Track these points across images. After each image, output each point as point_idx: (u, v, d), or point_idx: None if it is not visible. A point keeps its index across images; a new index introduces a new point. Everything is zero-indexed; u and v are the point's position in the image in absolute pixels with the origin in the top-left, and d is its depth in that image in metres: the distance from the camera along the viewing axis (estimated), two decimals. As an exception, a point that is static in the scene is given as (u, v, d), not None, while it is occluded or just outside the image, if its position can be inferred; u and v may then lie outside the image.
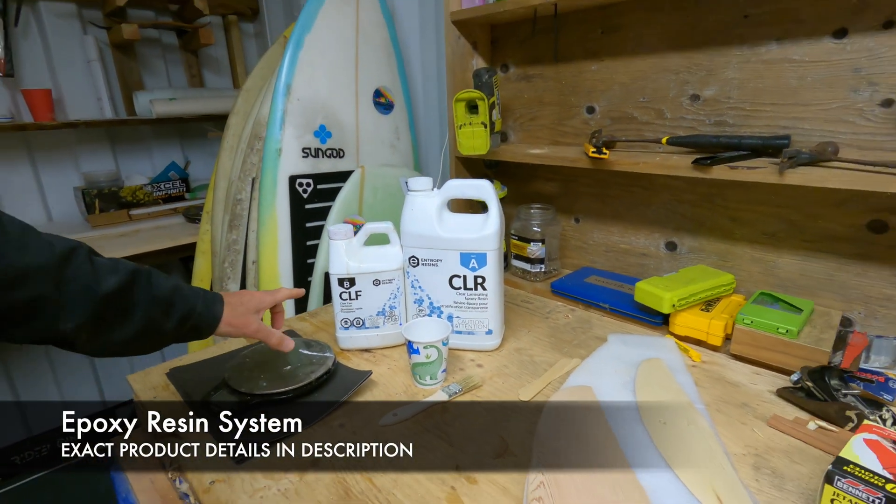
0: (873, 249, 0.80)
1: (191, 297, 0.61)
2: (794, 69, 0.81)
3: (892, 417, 0.62)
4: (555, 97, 1.15)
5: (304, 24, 1.23)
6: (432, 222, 0.83)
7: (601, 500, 0.53)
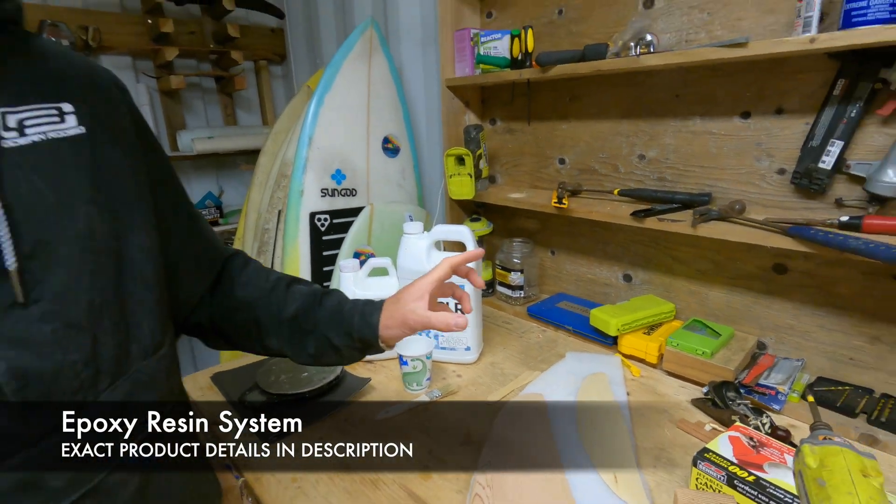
0: (778, 287, 0.98)
1: (350, 311, 0.60)
2: (714, 140, 1.00)
3: (769, 422, 0.80)
4: (533, 149, 1.35)
5: (324, 85, 1.46)
6: (422, 259, 1.05)
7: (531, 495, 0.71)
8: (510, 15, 1.31)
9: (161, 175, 0.53)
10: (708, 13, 0.96)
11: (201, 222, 0.61)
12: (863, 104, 0.80)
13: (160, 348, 0.47)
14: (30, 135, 0.38)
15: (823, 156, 0.85)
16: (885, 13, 0.68)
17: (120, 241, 0.44)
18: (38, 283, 0.37)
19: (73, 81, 0.44)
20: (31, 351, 0.36)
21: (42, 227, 0.37)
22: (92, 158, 0.42)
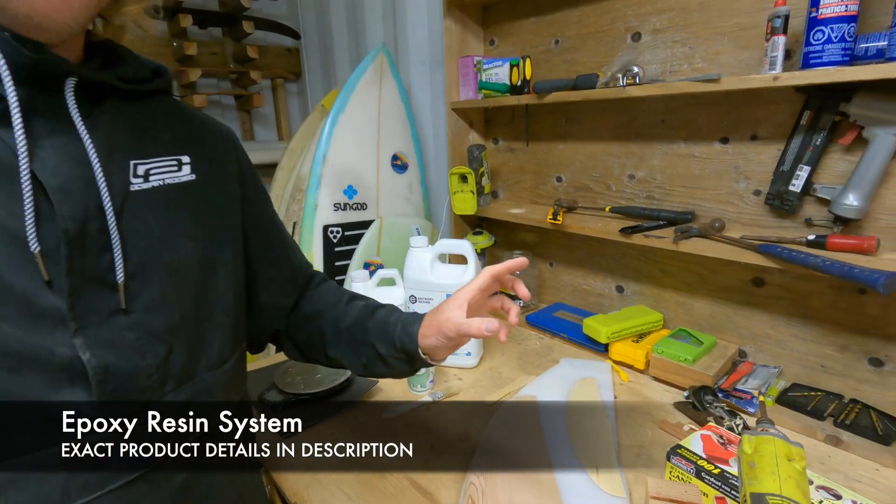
0: (756, 299, 1.05)
1: (395, 321, 0.61)
2: (697, 162, 1.09)
3: (742, 423, 0.88)
4: (532, 167, 1.44)
5: (338, 107, 1.57)
6: (426, 271, 1.14)
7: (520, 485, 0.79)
8: (511, 43, 1.41)
9: (257, 214, 0.62)
10: (689, 47, 1.04)
11: (289, 250, 0.69)
12: (826, 133, 0.88)
13: (225, 363, 0.54)
14: (152, 181, 0.47)
15: (793, 179, 0.93)
16: (838, 56, 0.77)
17: (208, 270, 0.52)
18: (135, 298, 0.45)
19: (195, 138, 0.54)
20: (116, 352, 0.43)
21: (145, 253, 0.46)
22: (196, 200, 0.51)
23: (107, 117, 0.46)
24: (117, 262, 0.43)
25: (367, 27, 1.98)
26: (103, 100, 0.46)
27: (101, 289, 0.42)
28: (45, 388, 0.40)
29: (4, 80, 0.37)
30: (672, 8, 1.06)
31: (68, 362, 0.40)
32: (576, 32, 1.24)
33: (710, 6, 1.00)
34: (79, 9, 0.39)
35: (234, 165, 0.58)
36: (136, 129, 0.49)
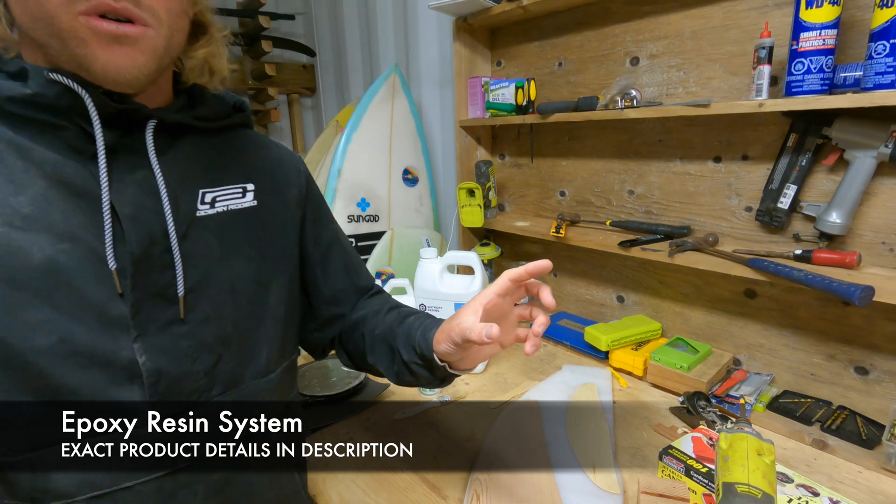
0: (749, 310, 1.10)
1: (417, 327, 0.62)
2: (692, 180, 1.15)
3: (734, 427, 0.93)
4: (537, 182, 1.51)
5: (352, 124, 1.65)
6: (435, 281, 1.21)
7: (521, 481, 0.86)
8: (517, 64, 1.49)
9: (317, 234, 0.68)
10: (684, 72, 1.11)
11: (349, 266, 0.73)
12: (811, 155, 0.94)
13: (271, 373, 0.59)
14: (217, 207, 0.54)
15: (781, 197, 0.99)
16: (817, 85, 0.83)
17: (261, 287, 0.57)
18: (191, 309, 0.50)
19: (263, 167, 0.60)
20: (169, 357, 0.49)
21: (204, 271, 0.52)
22: (255, 224, 0.57)
23: (184, 151, 0.53)
24: (178, 278, 0.49)
25: (380, 46, 2.08)
26: (183, 136, 0.53)
27: (161, 301, 0.49)
28: (106, 386, 0.47)
29: (95, 125, 0.45)
30: (667, 35, 1.12)
31: (128, 364, 0.47)
32: (578, 56, 1.32)
33: (702, 35, 1.06)
34: (143, 64, 0.46)
35: (296, 191, 0.64)
36: (209, 160, 0.56)
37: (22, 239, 0.43)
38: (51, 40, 0.43)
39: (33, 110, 0.45)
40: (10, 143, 0.45)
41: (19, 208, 0.44)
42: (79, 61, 0.43)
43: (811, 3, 0.81)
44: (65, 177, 0.46)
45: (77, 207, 0.46)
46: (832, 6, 0.80)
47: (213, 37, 0.57)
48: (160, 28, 0.46)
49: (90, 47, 0.43)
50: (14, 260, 0.43)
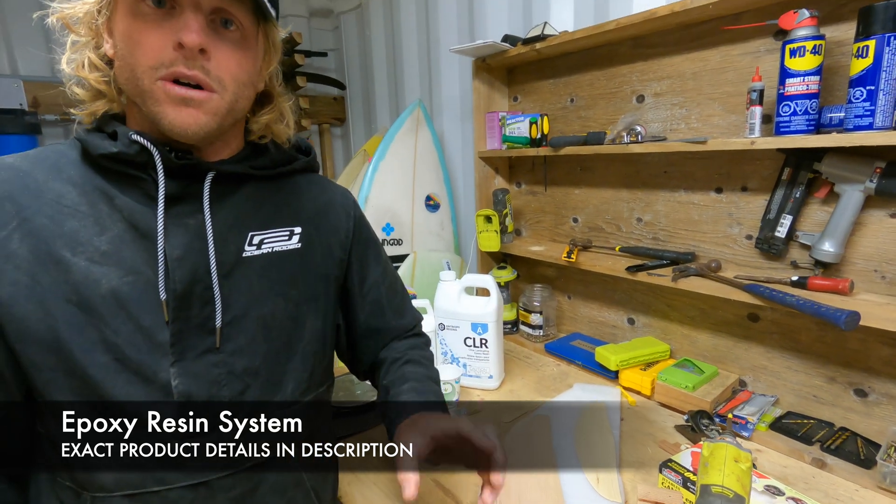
0: (753, 333, 1.16)
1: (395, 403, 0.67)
2: (696, 209, 1.22)
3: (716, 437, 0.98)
4: (551, 208, 1.60)
5: (379, 155, 1.78)
6: (454, 302, 1.30)
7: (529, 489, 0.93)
8: (532, 100, 1.59)
9: (362, 275, 0.73)
10: (686, 109, 1.19)
11: (391, 306, 0.77)
12: (805, 188, 1.00)
13: (295, 405, 0.63)
14: (263, 249, 0.60)
15: (778, 227, 1.05)
16: (803, 126, 0.90)
17: (296, 325, 0.62)
18: (227, 341, 0.56)
19: (312, 211, 0.66)
20: (198, 382, 0.54)
21: (242, 306, 0.57)
22: (296, 265, 0.63)
23: (242, 196, 0.60)
24: (217, 312, 0.55)
25: (406, 81, 2.22)
26: (244, 183, 0.61)
27: (201, 332, 0.55)
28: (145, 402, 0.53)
29: (159, 177, 0.53)
30: (670, 76, 1.21)
31: (163, 385, 0.53)
32: (588, 93, 1.41)
33: (702, 76, 1.15)
34: (205, 123, 0.53)
35: (342, 235, 0.70)
36: (263, 205, 0.62)
37: (97, 271, 0.51)
38: (136, 98, 0.53)
39: (120, 164, 0.54)
40: (101, 191, 0.54)
41: (100, 246, 0.52)
42: (153, 117, 0.52)
43: (794, 52, 0.89)
44: (137, 221, 0.54)
45: (144, 247, 0.54)
46: (814, 56, 0.87)
47: (278, 106, 0.64)
48: (224, 94, 0.54)
49: (162, 106, 0.51)
50: (87, 289, 0.51)
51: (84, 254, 0.52)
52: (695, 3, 1.01)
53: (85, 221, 0.53)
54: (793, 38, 0.90)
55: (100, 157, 0.54)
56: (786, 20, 0.90)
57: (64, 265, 0.51)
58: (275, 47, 0.62)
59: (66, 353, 0.51)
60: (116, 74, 0.54)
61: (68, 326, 0.51)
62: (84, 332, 0.51)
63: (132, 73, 0.51)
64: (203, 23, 0.51)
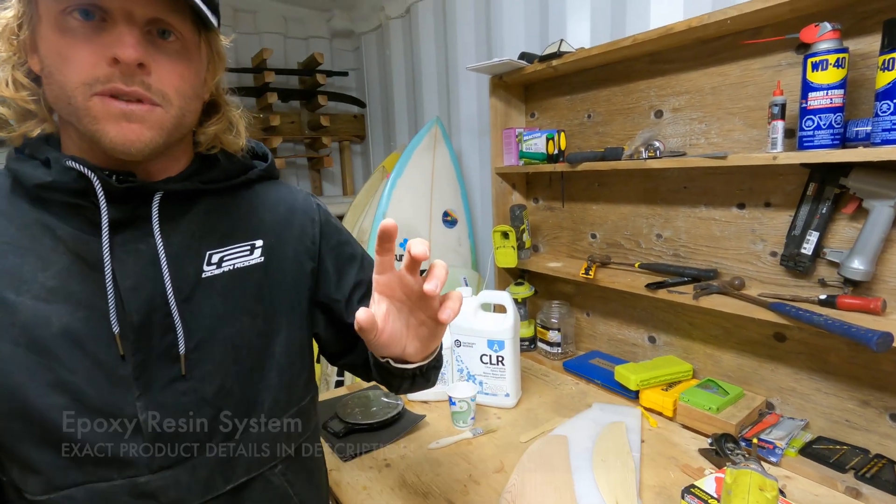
0: (779, 353, 1.11)
1: None
2: (717, 225, 1.19)
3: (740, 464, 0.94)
4: (569, 224, 1.59)
5: (397, 172, 1.80)
6: (470, 318, 1.29)
7: None
8: (549, 116, 1.59)
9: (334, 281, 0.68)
10: (705, 124, 1.18)
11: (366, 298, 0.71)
12: (831, 203, 0.97)
13: (274, 420, 0.60)
14: (224, 266, 0.56)
15: (804, 243, 1.02)
16: (828, 140, 0.88)
17: (265, 340, 0.59)
18: (194, 366, 0.53)
19: (273, 221, 0.62)
20: (169, 412, 0.52)
21: (207, 329, 0.54)
22: (261, 280, 0.59)
23: (197, 215, 0.56)
24: (179, 339, 0.52)
25: (424, 99, 2.25)
26: (197, 199, 0.57)
27: (165, 361, 0.52)
28: (113, 438, 0.51)
29: (101, 204, 0.49)
30: (689, 91, 1.20)
31: (130, 418, 0.51)
32: (605, 109, 1.41)
33: (722, 91, 1.13)
34: (150, 139, 0.49)
35: (308, 242, 0.65)
36: (220, 221, 0.58)
37: (45, 310, 0.48)
38: (70, 118, 0.48)
39: (57, 193, 0.50)
40: (40, 223, 0.50)
41: (45, 282, 0.49)
42: (92, 136, 0.48)
43: (816, 66, 0.87)
44: (83, 251, 0.51)
45: (92, 278, 0.50)
46: (837, 69, 0.86)
47: (226, 116, 0.61)
48: (169, 108, 0.50)
49: (101, 123, 0.47)
50: (37, 328, 0.48)
51: (29, 292, 0.49)
52: (712, 19, 1.00)
53: (26, 257, 0.49)
54: (815, 51, 0.88)
55: (35, 187, 0.50)
56: (807, 34, 0.89)
57: (8, 306, 0.48)
58: (219, 56, 0.58)
59: (19, 398, 0.48)
60: (45, 92, 0.50)
61: (19, 370, 0.48)
62: (37, 374, 0.48)
63: (62, 91, 0.47)
64: (139, 35, 0.47)
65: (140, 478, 0.52)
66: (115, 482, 0.51)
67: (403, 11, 2.32)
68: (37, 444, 0.49)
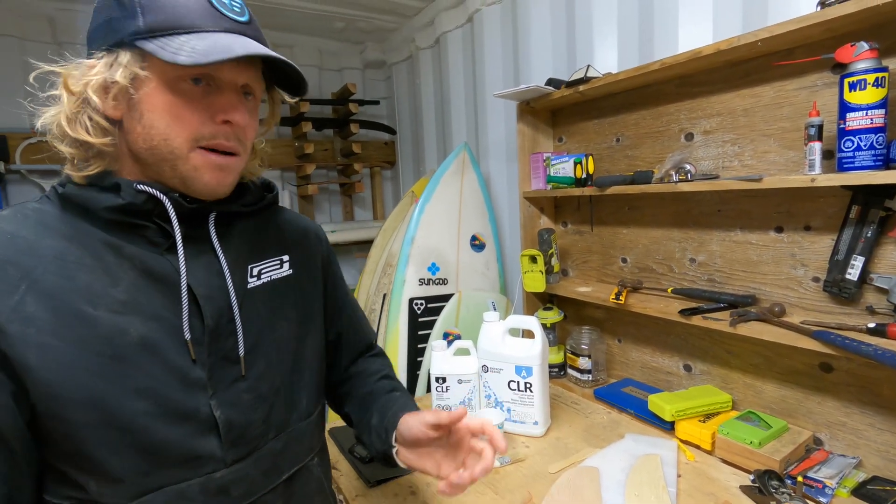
0: (826, 384, 1.05)
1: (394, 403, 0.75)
2: (754, 249, 1.15)
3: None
4: (599, 248, 1.56)
5: (426, 197, 1.83)
6: (497, 343, 1.27)
7: None
8: (577, 140, 1.59)
9: (334, 295, 0.80)
10: (739, 146, 1.15)
11: (356, 322, 0.86)
12: (877, 226, 0.93)
13: (311, 416, 0.69)
14: (262, 279, 0.64)
15: (849, 268, 0.97)
16: (870, 161, 0.84)
17: (300, 343, 0.68)
18: (250, 367, 0.60)
19: (293, 239, 0.72)
20: (236, 409, 0.58)
21: (257, 334, 0.61)
22: (292, 290, 0.68)
23: (236, 234, 0.64)
24: (240, 342, 0.59)
25: (453, 125, 2.29)
26: (235, 221, 0.64)
27: (228, 363, 0.58)
28: (192, 437, 0.55)
29: (174, 223, 0.55)
30: (720, 113, 1.18)
31: (207, 417, 0.56)
32: (634, 132, 1.40)
33: (755, 112, 1.11)
34: (230, 183, 0.60)
35: (319, 259, 0.76)
36: (254, 239, 0.66)
37: (122, 321, 0.52)
38: (161, 163, 0.55)
39: (124, 215, 0.54)
40: (106, 243, 0.54)
41: (117, 296, 0.53)
42: (183, 179, 0.56)
43: (854, 86, 0.84)
44: (150, 267, 0.55)
45: (158, 291, 0.55)
46: (877, 88, 0.83)
47: (258, 151, 0.70)
48: (244, 155, 0.60)
49: (200, 171, 0.56)
50: (116, 339, 0.52)
51: (104, 306, 0.52)
52: (742, 41, 0.99)
53: (95, 274, 0.53)
54: (852, 71, 0.86)
55: (105, 209, 0.54)
56: (843, 54, 0.87)
57: (89, 319, 0.51)
58: (278, 111, 0.69)
59: (108, 407, 0.51)
60: (130, 138, 0.55)
61: (103, 380, 0.51)
62: (120, 382, 0.52)
63: (164, 142, 0.54)
64: (242, 100, 0.57)
65: (216, 474, 0.56)
66: (192, 481, 0.55)
67: (433, 42, 2.39)
68: (123, 451, 0.52)
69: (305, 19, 2.41)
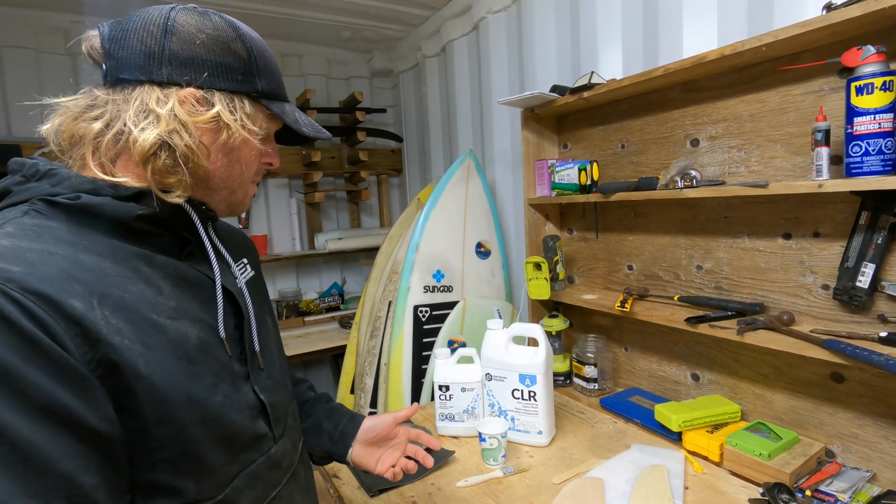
0: (837, 395, 1.02)
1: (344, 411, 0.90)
2: (762, 256, 1.13)
3: (820, 526, 0.85)
4: (604, 255, 1.55)
5: (430, 204, 1.83)
6: (501, 351, 1.26)
7: None
8: (582, 147, 1.59)
9: None
10: (745, 152, 1.14)
11: None
12: (887, 233, 0.91)
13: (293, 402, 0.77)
14: (245, 277, 0.69)
15: (859, 276, 0.95)
16: (878, 167, 0.83)
17: (278, 334, 0.76)
18: (263, 358, 0.65)
19: (243, 244, 0.78)
20: (272, 393, 0.64)
21: (260, 328, 0.67)
22: (260, 289, 0.74)
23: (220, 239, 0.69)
24: (255, 337, 0.64)
25: (459, 133, 2.30)
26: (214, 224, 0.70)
27: (251, 356, 0.64)
28: (253, 420, 0.60)
29: (200, 231, 0.60)
30: (726, 118, 1.17)
31: (256, 402, 0.62)
32: (639, 139, 1.39)
33: (761, 118, 1.10)
34: (246, 206, 0.67)
35: (259, 265, 0.81)
36: (225, 242, 0.70)
37: (181, 325, 0.55)
38: (222, 190, 0.62)
39: (149, 224, 0.56)
40: (134, 253, 0.54)
41: (167, 303, 0.54)
42: (232, 202, 0.64)
43: (861, 90, 0.83)
44: (183, 273, 0.58)
45: (194, 295, 0.59)
46: (885, 92, 0.81)
47: None
48: None
49: (247, 198, 0.67)
50: (183, 342, 0.54)
51: (164, 313, 0.54)
52: (746, 46, 0.98)
53: (139, 284, 0.53)
54: (858, 75, 0.84)
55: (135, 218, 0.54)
56: (849, 58, 0.85)
57: (159, 326, 0.53)
58: None
59: (199, 405, 0.54)
60: (215, 168, 0.61)
61: (187, 380, 0.53)
62: (198, 381, 0.55)
63: (242, 177, 0.64)
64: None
65: (272, 450, 0.63)
66: (259, 460, 0.61)
67: (439, 50, 2.40)
68: (214, 445, 0.55)
69: (314, 29, 2.44)
